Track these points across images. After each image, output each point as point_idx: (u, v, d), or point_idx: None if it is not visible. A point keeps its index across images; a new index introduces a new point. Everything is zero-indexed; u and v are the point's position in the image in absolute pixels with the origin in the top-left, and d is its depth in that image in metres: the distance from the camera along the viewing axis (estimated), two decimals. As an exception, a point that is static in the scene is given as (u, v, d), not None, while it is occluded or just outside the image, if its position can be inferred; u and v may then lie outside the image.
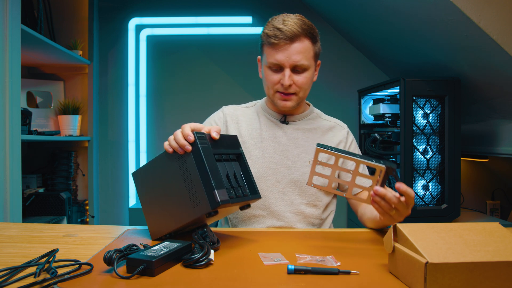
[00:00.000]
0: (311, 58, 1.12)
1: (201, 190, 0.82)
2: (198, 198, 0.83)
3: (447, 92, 1.79)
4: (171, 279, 0.68)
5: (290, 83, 1.10)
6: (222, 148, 0.90)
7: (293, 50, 1.07)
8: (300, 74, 1.11)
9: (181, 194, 0.85)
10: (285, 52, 1.07)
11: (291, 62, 1.08)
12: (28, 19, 1.92)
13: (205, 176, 0.82)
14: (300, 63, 1.08)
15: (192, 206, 0.84)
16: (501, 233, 0.67)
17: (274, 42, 1.07)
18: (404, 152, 1.80)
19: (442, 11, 1.50)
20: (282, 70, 1.10)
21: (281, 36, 1.06)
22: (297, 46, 1.07)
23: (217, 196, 0.81)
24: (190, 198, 0.84)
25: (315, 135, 1.21)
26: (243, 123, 1.21)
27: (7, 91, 1.53)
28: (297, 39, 1.07)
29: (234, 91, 2.66)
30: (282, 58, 1.07)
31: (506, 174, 2.39)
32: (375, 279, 0.68)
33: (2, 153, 1.51)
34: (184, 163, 0.84)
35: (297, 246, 0.88)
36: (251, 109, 1.26)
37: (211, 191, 0.81)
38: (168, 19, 2.65)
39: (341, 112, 2.85)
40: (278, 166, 1.16)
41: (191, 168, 0.84)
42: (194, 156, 0.83)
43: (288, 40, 1.06)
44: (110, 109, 2.67)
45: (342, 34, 2.62)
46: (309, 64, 1.11)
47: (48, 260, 0.72)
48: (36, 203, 2.03)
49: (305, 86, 1.13)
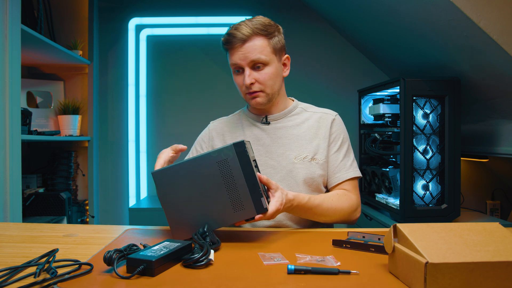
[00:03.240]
0: (270, 53, 1.13)
1: (246, 196, 0.85)
2: (242, 203, 0.85)
3: (447, 92, 1.79)
4: (171, 279, 0.68)
5: (252, 81, 1.13)
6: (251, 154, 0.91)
7: (246, 49, 1.11)
8: (261, 71, 1.13)
9: (220, 198, 0.86)
10: (239, 52, 1.11)
11: (247, 61, 1.11)
12: (28, 19, 1.92)
13: (251, 183, 0.85)
14: (256, 58, 1.11)
15: (234, 211, 0.86)
16: (501, 233, 0.67)
17: (227, 47, 1.13)
18: (404, 152, 1.80)
19: (442, 11, 1.50)
20: (243, 71, 1.13)
21: (233, 40, 1.11)
22: (249, 45, 1.11)
23: (264, 203, 0.85)
24: (232, 202, 0.86)
25: (299, 130, 1.21)
26: (227, 133, 1.25)
27: (7, 91, 1.53)
28: (248, 39, 1.11)
29: (234, 91, 2.62)
30: (238, 58, 1.12)
31: (506, 174, 2.39)
32: (375, 279, 0.68)
33: (2, 153, 1.51)
34: (228, 167, 0.86)
35: (297, 246, 0.88)
36: (235, 116, 1.31)
37: (259, 198, 0.85)
38: (168, 19, 2.65)
39: (341, 112, 2.84)
40: (264, 168, 1.18)
41: (236, 173, 0.85)
42: (241, 162, 0.85)
43: (240, 42, 1.10)
44: (110, 109, 2.67)
45: (342, 34, 2.63)
46: (267, 59, 1.12)
47: (48, 260, 0.72)
48: (36, 203, 2.03)
49: (269, 81, 1.14)
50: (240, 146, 0.85)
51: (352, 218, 1.17)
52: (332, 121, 1.22)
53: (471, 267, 0.59)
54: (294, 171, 1.16)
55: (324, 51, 2.65)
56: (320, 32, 2.63)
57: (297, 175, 1.15)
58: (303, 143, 1.18)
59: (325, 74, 2.64)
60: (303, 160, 1.16)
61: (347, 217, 1.15)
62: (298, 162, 1.16)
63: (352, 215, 1.16)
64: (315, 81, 2.64)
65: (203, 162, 0.87)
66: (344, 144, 1.22)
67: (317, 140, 1.19)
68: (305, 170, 1.16)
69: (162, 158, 1.01)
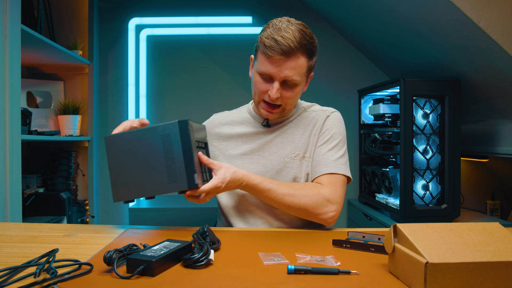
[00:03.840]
0: (304, 74, 1.08)
1: (181, 170, 0.90)
2: (177, 176, 0.91)
3: (447, 92, 1.79)
4: (171, 279, 0.68)
5: (278, 96, 1.07)
6: (196, 135, 0.98)
7: (287, 66, 1.03)
8: (289, 89, 1.08)
9: (158, 168, 0.92)
10: (278, 66, 1.04)
11: (282, 76, 1.04)
12: (28, 19, 1.92)
13: (188, 159, 0.91)
14: (291, 79, 1.05)
15: (169, 182, 0.91)
16: (501, 233, 0.67)
17: (269, 54, 1.03)
18: (404, 152, 1.80)
19: (442, 11, 1.50)
20: (272, 81, 1.07)
21: (277, 50, 1.01)
22: (291, 62, 1.03)
23: (195, 179, 0.90)
24: (168, 174, 0.91)
25: (295, 129, 1.19)
26: (226, 126, 1.24)
27: (7, 91, 1.53)
28: (293, 54, 1.03)
29: (234, 91, 2.66)
30: (274, 71, 1.04)
31: (506, 174, 2.39)
32: (375, 279, 0.68)
33: (2, 153, 1.51)
34: (169, 141, 0.91)
35: (297, 246, 0.88)
36: (236, 111, 1.29)
37: (192, 174, 0.90)
38: (168, 19, 2.65)
39: (341, 112, 2.85)
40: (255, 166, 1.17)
41: (176, 147, 0.91)
42: (181, 138, 0.91)
43: (284, 55, 1.02)
44: (110, 109, 2.67)
45: (342, 34, 2.63)
46: (300, 81, 1.08)
47: (48, 260, 0.72)
48: (36, 203, 2.02)
49: (292, 100, 1.11)
50: (183, 124, 0.91)
51: (320, 216, 1.06)
52: (326, 117, 1.18)
53: (471, 267, 0.59)
54: (284, 171, 1.15)
55: (324, 51, 2.64)
56: (320, 32, 2.63)
57: (287, 174, 1.14)
58: (296, 141, 1.17)
59: (325, 74, 2.63)
60: (293, 159, 1.15)
61: (312, 211, 1.05)
62: (289, 161, 1.15)
63: (317, 210, 1.05)
64: (315, 81, 2.62)
65: (149, 133, 0.93)
66: (334, 140, 1.15)
67: (309, 137, 1.17)
68: (295, 169, 1.14)
69: (123, 125, 1.00)
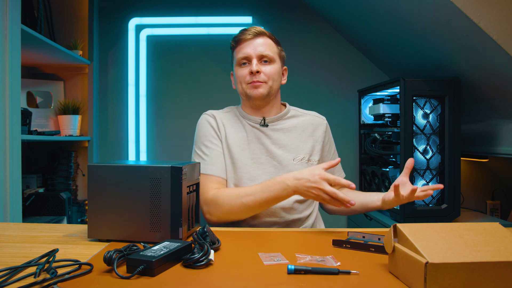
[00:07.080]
0: (276, 54, 1.23)
1: (166, 220, 0.84)
2: (160, 226, 0.85)
3: (447, 92, 1.79)
4: (171, 279, 0.68)
5: (258, 70, 1.19)
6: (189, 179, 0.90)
7: (258, 43, 1.21)
8: (267, 65, 1.21)
9: (142, 213, 0.86)
10: (250, 45, 1.21)
11: (257, 53, 1.20)
12: (28, 19, 1.92)
13: (176, 211, 0.84)
14: (265, 53, 1.20)
15: (150, 230, 0.85)
16: (501, 233, 0.67)
17: (241, 38, 1.22)
18: (404, 152, 1.80)
19: (442, 11, 1.50)
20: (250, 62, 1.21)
21: (247, 33, 1.21)
22: (261, 40, 1.22)
23: (180, 233, 0.84)
24: (151, 221, 0.85)
25: (295, 133, 1.25)
26: (228, 127, 1.26)
27: (7, 91, 1.53)
28: (261, 36, 1.22)
29: (234, 91, 2.64)
30: (249, 50, 1.20)
31: (506, 174, 2.39)
32: (375, 279, 0.68)
33: (2, 153, 1.51)
34: (158, 186, 0.85)
35: (297, 246, 0.88)
36: (230, 113, 1.31)
37: (177, 228, 0.84)
38: (168, 19, 2.64)
39: (341, 112, 2.85)
40: (267, 166, 1.20)
41: (164, 195, 0.85)
42: (172, 186, 0.84)
43: (253, 36, 1.21)
44: (110, 109, 2.67)
45: (342, 34, 2.62)
46: (273, 57, 1.22)
47: (48, 260, 0.72)
48: (36, 203, 2.02)
49: (273, 76, 1.22)
50: (177, 171, 0.85)
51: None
52: (326, 125, 1.32)
53: (471, 267, 0.59)
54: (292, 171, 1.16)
55: (324, 51, 2.64)
56: (320, 32, 2.63)
57: None
58: (299, 144, 1.23)
59: (325, 74, 2.63)
60: (300, 161, 1.21)
61: None
62: (297, 164, 1.20)
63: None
64: (315, 81, 2.63)
65: (138, 172, 0.86)
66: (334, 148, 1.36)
67: (313, 142, 1.25)
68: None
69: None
